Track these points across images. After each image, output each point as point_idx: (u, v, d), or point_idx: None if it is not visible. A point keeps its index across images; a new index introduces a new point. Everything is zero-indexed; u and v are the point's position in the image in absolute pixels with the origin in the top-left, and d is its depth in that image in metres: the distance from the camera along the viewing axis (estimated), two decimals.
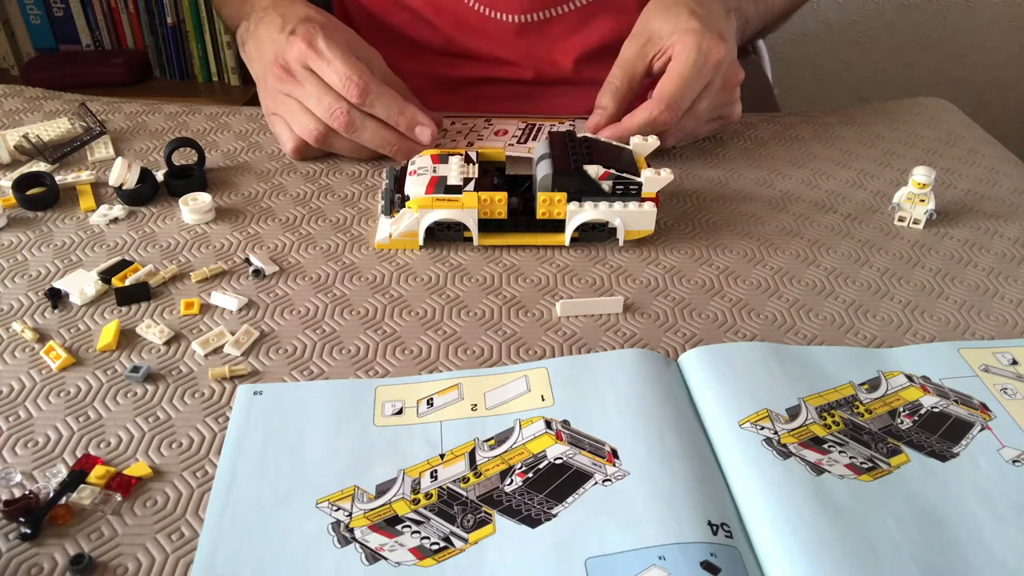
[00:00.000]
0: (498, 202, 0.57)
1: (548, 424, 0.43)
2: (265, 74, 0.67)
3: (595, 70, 0.84)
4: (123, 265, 0.55)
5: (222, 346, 0.49)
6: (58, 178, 0.63)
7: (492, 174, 0.60)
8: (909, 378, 0.48)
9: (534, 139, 0.72)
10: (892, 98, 0.87)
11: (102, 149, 0.70)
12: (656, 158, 0.71)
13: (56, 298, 0.52)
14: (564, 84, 0.85)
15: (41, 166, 0.66)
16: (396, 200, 0.59)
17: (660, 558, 0.36)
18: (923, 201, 0.62)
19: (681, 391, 0.46)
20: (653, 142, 0.60)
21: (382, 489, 0.40)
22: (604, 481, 0.40)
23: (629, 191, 0.57)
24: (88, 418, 0.44)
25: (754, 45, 1.07)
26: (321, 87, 0.63)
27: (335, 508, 0.39)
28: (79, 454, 0.42)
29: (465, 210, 0.56)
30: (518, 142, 0.71)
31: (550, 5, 0.81)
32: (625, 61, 0.68)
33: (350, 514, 0.39)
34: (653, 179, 0.57)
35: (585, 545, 0.37)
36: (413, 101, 0.68)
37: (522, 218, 0.58)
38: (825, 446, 0.42)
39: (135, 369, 0.46)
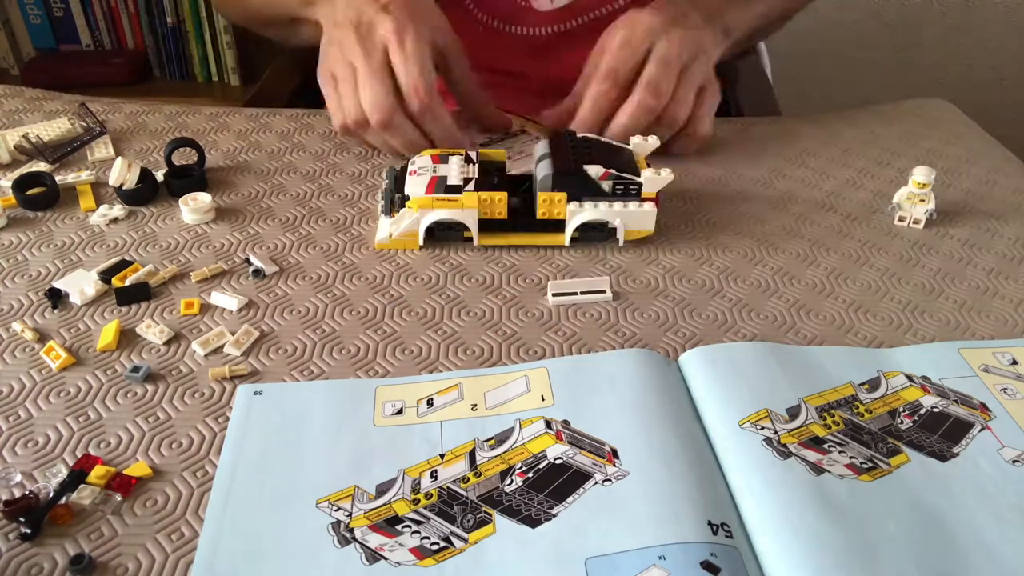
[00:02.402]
0: (498, 202, 0.57)
1: (548, 424, 0.43)
2: (340, 31, 0.65)
3: None
4: (123, 265, 0.55)
5: (222, 346, 0.49)
6: (58, 178, 0.63)
7: (492, 174, 0.60)
8: (909, 378, 0.48)
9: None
10: (892, 98, 0.87)
11: (102, 149, 0.70)
12: (657, 158, 0.71)
13: (56, 298, 0.52)
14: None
15: (41, 166, 0.66)
16: (396, 200, 0.59)
17: (660, 558, 0.36)
18: (923, 201, 0.62)
19: (681, 391, 0.46)
20: (653, 142, 0.60)
21: (382, 489, 0.40)
22: (604, 481, 0.40)
23: (629, 191, 0.57)
24: (88, 418, 0.44)
25: (754, 45, 1.07)
26: (382, 75, 0.63)
27: (335, 508, 0.39)
28: (79, 454, 0.42)
29: (465, 210, 0.56)
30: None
31: (568, 18, 0.81)
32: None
33: (350, 514, 0.39)
34: (653, 179, 0.57)
35: (585, 545, 0.37)
36: (481, 107, 0.71)
37: (522, 218, 0.58)
38: (825, 446, 0.42)
39: (135, 369, 0.46)
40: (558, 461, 0.41)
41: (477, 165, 0.59)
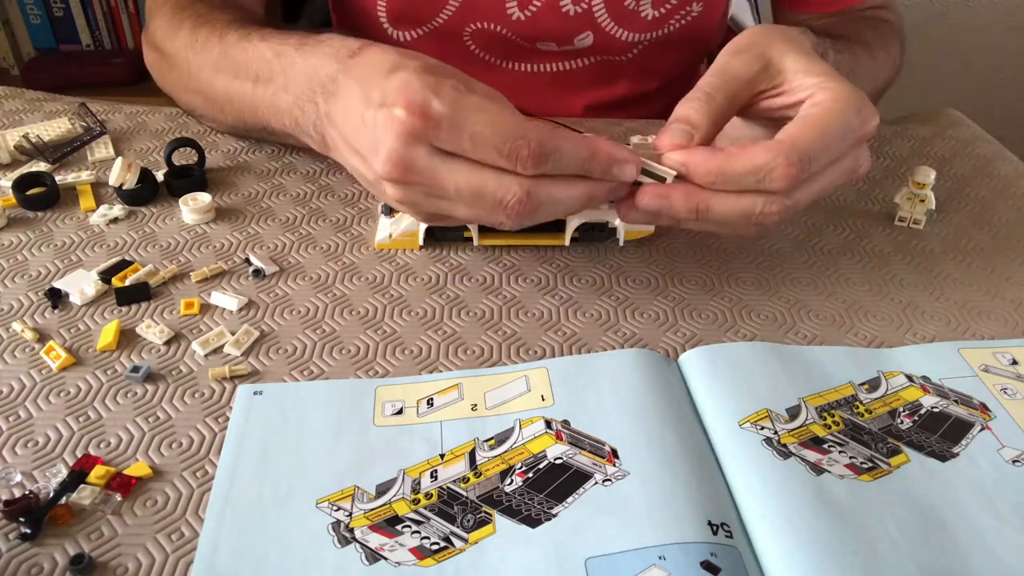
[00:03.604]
0: None
1: (548, 424, 0.43)
2: (376, 182, 0.47)
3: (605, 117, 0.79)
4: (123, 265, 0.55)
5: (222, 346, 0.49)
6: (58, 178, 0.63)
7: None
8: (909, 378, 0.48)
9: None
10: (893, 98, 0.86)
11: (102, 149, 0.70)
12: None
13: (56, 298, 0.52)
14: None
15: (41, 166, 0.66)
16: None
17: (660, 558, 0.36)
18: (923, 201, 0.62)
19: (681, 391, 0.46)
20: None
21: (382, 489, 0.40)
22: (604, 481, 0.40)
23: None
24: (88, 418, 0.44)
25: None
26: (467, 172, 0.44)
27: (335, 508, 0.39)
28: (79, 454, 0.42)
29: None
30: None
31: (571, 57, 0.79)
32: (728, 74, 0.49)
33: (350, 514, 0.39)
34: None
35: (585, 545, 0.37)
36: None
37: None
38: (825, 446, 0.42)
39: (135, 369, 0.46)
40: (558, 461, 0.41)
41: None
